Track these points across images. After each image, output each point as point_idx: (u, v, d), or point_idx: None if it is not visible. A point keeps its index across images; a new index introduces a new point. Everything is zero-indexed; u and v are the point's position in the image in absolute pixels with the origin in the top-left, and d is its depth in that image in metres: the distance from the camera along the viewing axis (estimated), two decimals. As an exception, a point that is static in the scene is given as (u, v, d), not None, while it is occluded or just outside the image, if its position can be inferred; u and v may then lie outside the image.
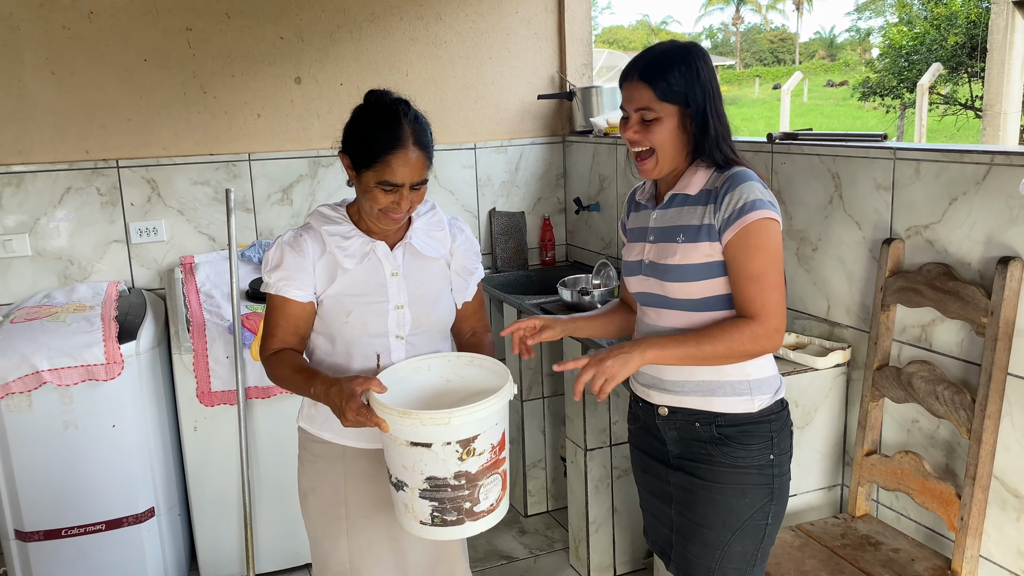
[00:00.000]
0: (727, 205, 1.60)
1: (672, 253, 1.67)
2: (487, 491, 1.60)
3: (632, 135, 1.66)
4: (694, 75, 1.62)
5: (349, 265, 1.74)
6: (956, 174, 1.98)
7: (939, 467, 2.10)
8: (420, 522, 1.59)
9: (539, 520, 3.30)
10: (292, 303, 1.75)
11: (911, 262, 2.12)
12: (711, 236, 1.62)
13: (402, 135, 1.66)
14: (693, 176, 1.67)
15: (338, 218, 1.78)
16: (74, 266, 3.11)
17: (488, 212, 3.69)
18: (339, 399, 1.56)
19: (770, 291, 1.58)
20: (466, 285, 1.89)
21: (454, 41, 3.51)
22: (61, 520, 2.65)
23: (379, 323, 1.76)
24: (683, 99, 1.61)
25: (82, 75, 3.02)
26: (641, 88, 1.63)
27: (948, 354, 2.05)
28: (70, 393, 2.58)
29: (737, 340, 1.58)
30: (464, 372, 1.74)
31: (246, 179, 3.27)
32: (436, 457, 1.53)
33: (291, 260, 1.74)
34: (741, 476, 1.69)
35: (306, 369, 1.70)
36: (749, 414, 1.69)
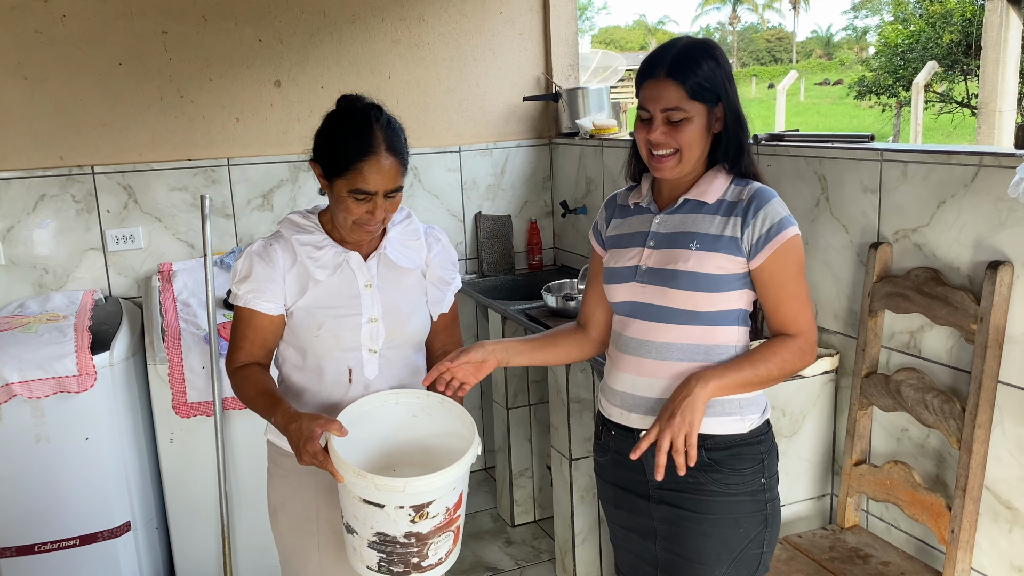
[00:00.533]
0: (759, 223, 1.53)
1: (684, 259, 1.57)
2: (437, 548, 1.54)
3: (658, 137, 1.53)
4: (723, 71, 1.54)
5: (321, 276, 1.68)
6: (944, 176, 1.93)
7: (929, 477, 2.05)
8: (367, 567, 1.54)
9: (526, 530, 3.24)
10: (260, 316, 1.69)
11: (899, 266, 2.07)
12: (731, 249, 1.55)
13: (374, 141, 1.58)
14: (711, 183, 1.59)
15: (310, 226, 1.72)
16: (49, 275, 3.05)
17: (474, 216, 3.63)
18: (297, 438, 1.51)
19: (807, 307, 1.58)
20: (442, 296, 1.81)
21: (437, 43, 3.46)
22: (34, 535, 2.59)
23: (352, 336, 1.70)
24: (715, 97, 1.53)
25: (55, 80, 2.96)
26: (669, 86, 1.51)
27: (937, 361, 1.99)
28: (41, 406, 2.52)
29: (789, 360, 1.56)
30: (433, 412, 1.66)
31: (225, 184, 3.21)
32: (388, 517, 1.47)
33: (260, 271, 1.67)
34: (734, 504, 1.59)
35: (269, 394, 1.64)
36: (740, 435, 1.60)
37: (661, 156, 1.56)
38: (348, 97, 1.68)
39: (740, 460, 1.59)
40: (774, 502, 1.65)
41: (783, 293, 1.56)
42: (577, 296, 2.93)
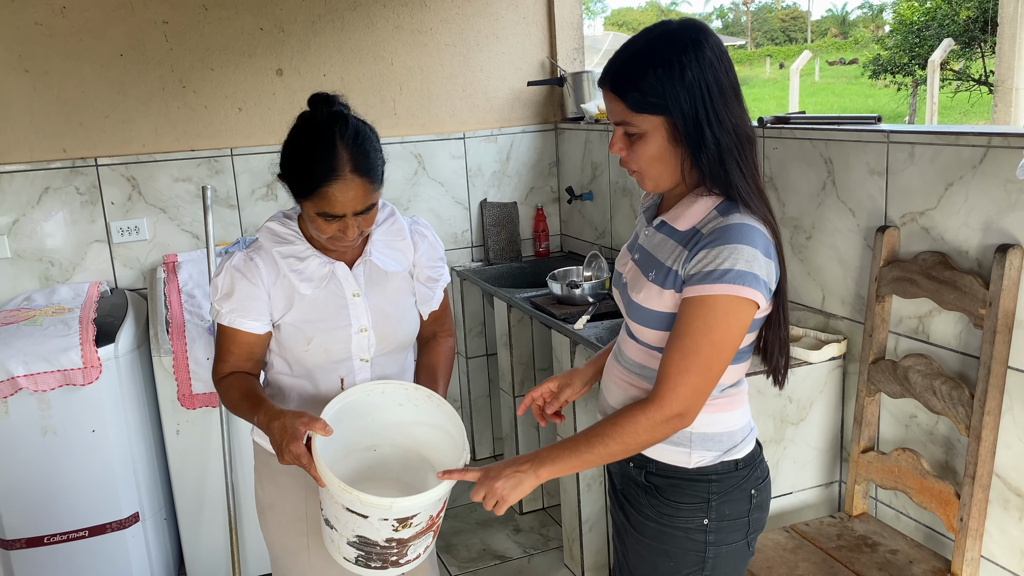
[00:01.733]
0: (699, 262, 1.32)
1: (639, 288, 1.44)
2: (416, 547, 1.53)
3: (615, 151, 1.40)
4: (675, 76, 1.30)
5: (307, 290, 1.62)
6: (952, 157, 1.88)
7: (938, 465, 2.01)
8: (344, 558, 1.52)
9: (534, 518, 3.23)
10: (245, 334, 1.64)
11: (906, 250, 2.03)
12: (676, 286, 1.37)
13: (337, 164, 1.48)
14: (690, 207, 1.39)
15: (290, 235, 1.65)
16: (55, 267, 3.05)
17: (479, 203, 3.60)
18: (280, 436, 1.46)
19: (692, 373, 1.33)
20: (431, 295, 1.77)
21: (440, 28, 3.42)
22: (43, 527, 2.60)
23: (342, 348, 1.66)
24: (665, 108, 1.32)
25: (56, 72, 2.95)
26: (612, 100, 1.36)
27: (946, 346, 1.96)
28: (47, 398, 2.52)
29: (631, 434, 1.35)
30: (420, 404, 1.62)
31: (229, 175, 3.20)
32: (371, 526, 1.45)
33: (243, 288, 1.61)
34: (665, 535, 1.48)
35: (253, 395, 1.60)
36: (683, 468, 1.46)
37: (630, 171, 1.42)
38: (316, 101, 1.58)
39: (679, 493, 1.46)
40: (720, 548, 1.47)
41: (674, 343, 1.34)
42: (583, 283, 2.90)
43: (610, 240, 3.38)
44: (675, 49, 1.31)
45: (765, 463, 1.55)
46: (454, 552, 3.02)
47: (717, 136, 1.33)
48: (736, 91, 1.36)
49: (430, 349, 1.84)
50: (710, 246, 1.32)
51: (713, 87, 1.32)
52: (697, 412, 1.37)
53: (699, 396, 1.36)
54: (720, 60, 1.34)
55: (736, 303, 1.32)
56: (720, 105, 1.33)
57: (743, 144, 1.36)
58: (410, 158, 3.44)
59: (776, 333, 1.48)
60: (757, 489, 1.50)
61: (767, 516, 1.56)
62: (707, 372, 1.34)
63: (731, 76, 1.36)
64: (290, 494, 1.73)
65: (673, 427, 1.37)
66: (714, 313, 1.32)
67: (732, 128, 1.34)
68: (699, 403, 1.37)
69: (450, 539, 3.10)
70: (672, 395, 1.34)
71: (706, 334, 1.32)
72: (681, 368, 1.33)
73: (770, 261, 1.35)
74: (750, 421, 1.53)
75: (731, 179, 1.35)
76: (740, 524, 1.49)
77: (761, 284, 1.33)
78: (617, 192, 3.27)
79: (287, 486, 1.73)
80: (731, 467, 1.47)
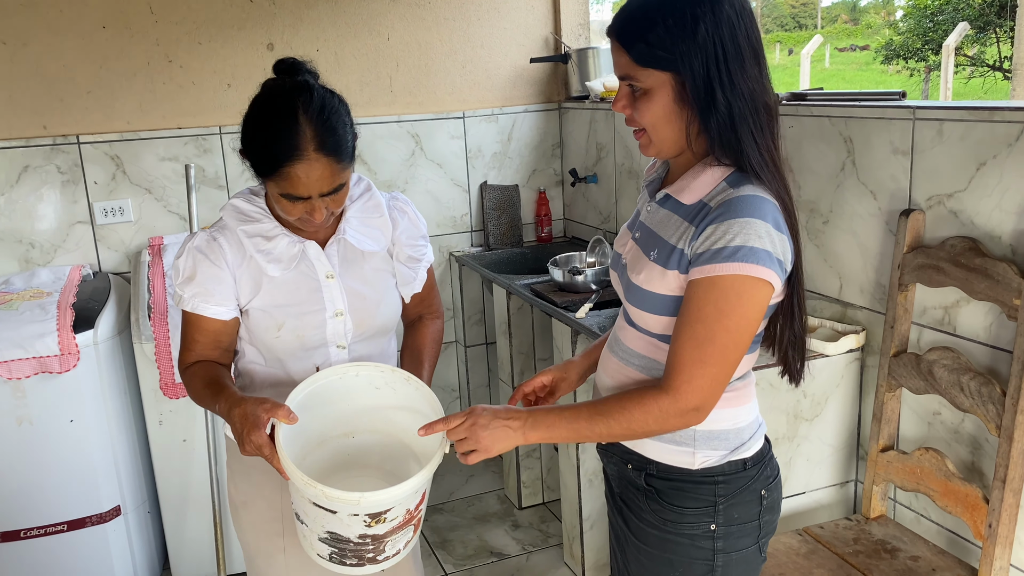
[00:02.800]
0: (707, 238, 1.20)
1: (639, 269, 1.32)
2: (395, 543, 1.40)
3: (619, 108, 1.29)
4: (687, 31, 1.18)
5: (275, 272, 1.49)
6: (984, 135, 1.74)
7: (964, 466, 1.88)
8: (318, 555, 1.40)
9: (533, 513, 3.11)
10: (210, 320, 1.51)
11: (933, 236, 1.88)
12: (681, 266, 1.25)
13: (300, 142, 1.35)
14: (697, 178, 1.27)
15: (257, 212, 1.51)
16: (35, 249, 2.93)
17: (479, 186, 3.46)
18: (241, 424, 1.33)
19: (708, 364, 1.21)
20: (413, 276, 1.64)
21: (439, 1, 3.27)
22: (19, 521, 2.49)
23: (316, 334, 1.53)
24: (673, 64, 1.20)
25: (36, 45, 2.81)
26: (618, 51, 1.25)
27: (974, 339, 1.82)
28: (22, 386, 2.41)
29: (639, 420, 1.25)
30: (398, 387, 1.48)
31: (217, 154, 3.07)
32: (341, 522, 1.32)
33: (205, 271, 1.48)
34: (669, 543, 1.36)
35: (215, 383, 1.47)
36: (686, 470, 1.34)
37: (635, 131, 1.30)
38: (279, 68, 1.45)
39: (682, 497, 1.34)
40: (730, 555, 1.36)
41: (685, 330, 1.22)
42: (585, 270, 2.76)
43: (615, 225, 3.24)
44: (690, 1, 1.19)
45: (775, 461, 1.43)
46: (449, 548, 2.90)
47: (729, 100, 1.20)
48: (757, 53, 1.23)
49: (415, 331, 1.72)
50: (718, 220, 1.20)
51: (728, 46, 1.20)
52: (713, 405, 1.26)
53: (716, 388, 1.24)
54: (740, 18, 1.21)
55: (749, 283, 1.20)
56: (736, 66, 1.20)
57: (759, 112, 1.23)
58: (407, 138, 3.30)
59: (790, 325, 1.34)
60: (767, 489, 1.38)
61: (778, 518, 1.44)
62: (724, 361, 1.23)
63: (752, 37, 1.22)
64: (264, 491, 1.61)
65: (687, 421, 1.26)
66: (726, 296, 1.20)
67: (747, 93, 1.22)
68: (716, 395, 1.25)
69: (446, 535, 2.98)
70: (688, 387, 1.23)
71: (719, 320, 1.20)
72: (695, 358, 1.22)
73: (784, 236, 1.23)
74: (758, 416, 1.41)
75: (743, 147, 1.22)
76: (750, 528, 1.37)
77: (775, 262, 1.21)
78: (623, 174, 3.13)
79: (260, 483, 1.61)
80: (739, 467, 1.35)
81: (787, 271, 1.25)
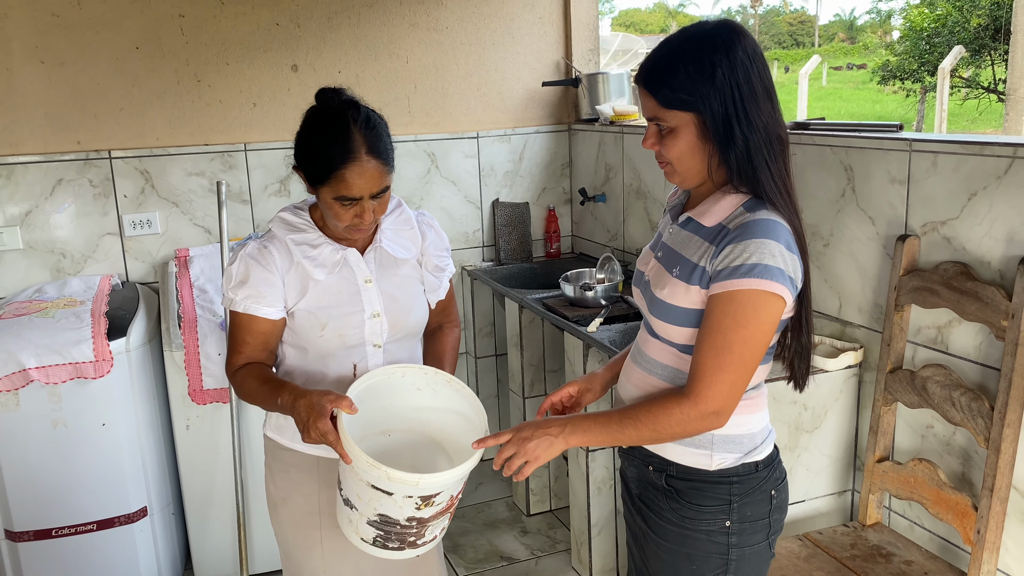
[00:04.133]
0: (725, 257, 1.34)
1: (663, 285, 1.44)
2: (434, 528, 1.54)
3: (648, 146, 1.43)
4: (706, 76, 1.32)
5: (320, 276, 1.64)
6: (976, 167, 1.87)
7: (955, 476, 2.00)
8: (361, 539, 1.54)
9: (541, 519, 3.23)
10: (261, 320, 1.65)
11: (927, 260, 2.01)
12: (702, 282, 1.38)
13: (353, 146, 1.53)
14: (717, 203, 1.40)
15: (303, 224, 1.68)
16: (67, 259, 3.04)
17: (491, 203, 3.59)
18: (307, 414, 1.47)
19: (726, 371, 1.34)
20: (439, 284, 1.80)
21: (456, 26, 3.41)
22: (51, 520, 2.60)
23: (356, 334, 1.67)
24: (694, 105, 1.34)
25: (72, 64, 2.94)
26: (645, 96, 1.40)
27: (965, 358, 1.94)
28: (58, 391, 2.52)
29: (664, 424, 1.37)
30: (440, 389, 1.64)
31: (242, 170, 3.19)
32: (394, 503, 1.46)
33: (258, 275, 1.63)
34: (687, 538, 1.48)
35: (273, 380, 1.61)
36: (704, 471, 1.46)
37: (662, 163, 1.44)
38: (326, 93, 1.62)
39: (700, 496, 1.46)
40: (743, 550, 1.47)
41: (705, 341, 1.35)
42: (595, 286, 2.89)
43: (622, 243, 3.37)
44: (707, 49, 1.34)
45: (782, 465, 1.56)
46: (461, 552, 3.01)
47: (746, 134, 1.34)
48: (769, 92, 1.38)
49: (436, 339, 1.87)
50: (736, 241, 1.34)
51: (743, 87, 1.34)
52: (732, 410, 1.38)
53: (735, 393, 1.37)
54: (753, 61, 1.35)
55: (764, 297, 1.33)
56: (751, 105, 1.34)
57: (773, 144, 1.37)
58: (423, 156, 3.44)
59: (797, 337, 1.48)
60: (777, 490, 1.51)
61: (785, 518, 1.56)
62: (741, 369, 1.35)
63: (764, 78, 1.37)
64: (302, 488, 1.73)
65: (708, 425, 1.38)
66: (743, 309, 1.33)
67: (762, 127, 1.35)
68: (734, 401, 1.38)
69: (457, 539, 3.09)
70: (708, 392, 1.35)
71: (737, 330, 1.33)
72: (714, 366, 1.34)
73: (795, 256, 1.36)
74: (769, 424, 1.54)
75: (759, 176, 1.36)
76: (761, 525, 1.50)
77: (787, 279, 1.34)
78: (631, 194, 3.26)
79: (299, 480, 1.73)
80: (752, 468, 1.48)
81: (798, 288, 1.39)
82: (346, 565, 1.73)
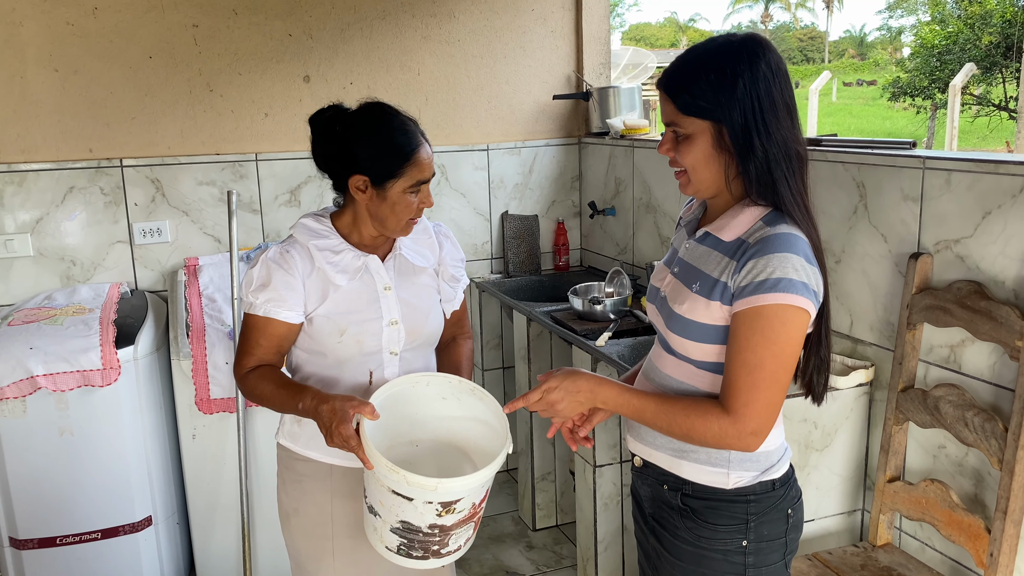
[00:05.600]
0: (748, 272, 1.32)
1: (682, 300, 1.42)
2: (458, 537, 1.54)
3: (663, 151, 1.42)
4: (727, 86, 1.32)
5: (341, 282, 1.65)
6: (991, 186, 1.86)
7: (967, 498, 1.98)
8: (386, 547, 1.54)
9: (547, 535, 3.20)
10: (278, 324, 1.65)
11: (940, 278, 2.00)
12: (723, 298, 1.36)
13: (413, 130, 1.62)
14: (736, 217, 1.39)
15: (324, 231, 1.69)
16: (76, 267, 3.05)
17: (500, 215, 3.59)
18: (330, 418, 1.48)
19: (761, 388, 1.32)
20: (454, 294, 1.82)
21: (468, 39, 3.42)
22: (56, 528, 2.59)
23: (374, 340, 1.67)
24: (713, 114, 1.34)
25: (86, 72, 2.96)
26: (664, 100, 1.39)
27: (979, 378, 1.92)
28: (65, 399, 2.52)
29: (700, 430, 1.35)
30: (463, 398, 1.64)
31: (253, 180, 3.20)
32: (415, 509, 1.46)
33: (280, 279, 1.63)
34: (703, 558, 1.45)
35: (292, 384, 1.62)
36: (720, 489, 1.44)
37: (676, 172, 1.43)
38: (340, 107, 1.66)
39: (716, 515, 1.44)
40: (759, 570, 1.45)
41: (737, 359, 1.33)
42: (604, 300, 2.88)
43: (631, 256, 3.36)
44: (731, 60, 1.34)
45: (798, 484, 1.54)
46: (466, 567, 2.99)
47: (765, 146, 1.34)
48: (790, 109, 1.37)
49: (451, 350, 1.87)
50: (758, 255, 1.32)
51: (764, 100, 1.33)
52: (768, 431, 1.35)
53: (772, 412, 1.35)
54: (776, 76, 1.35)
55: (791, 312, 1.31)
56: (771, 118, 1.34)
57: (792, 159, 1.36)
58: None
59: (816, 352, 1.46)
60: (793, 509, 1.49)
61: (800, 537, 1.54)
62: (776, 386, 1.33)
63: (786, 94, 1.36)
64: (315, 498, 1.73)
65: (744, 445, 1.35)
66: (771, 324, 1.31)
67: (781, 141, 1.35)
68: (772, 420, 1.35)
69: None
70: (747, 411, 1.33)
71: (767, 347, 1.31)
72: (749, 384, 1.32)
73: (815, 269, 1.35)
74: (785, 442, 1.52)
75: (778, 189, 1.36)
76: (778, 544, 1.48)
77: (811, 292, 1.33)
78: (640, 208, 3.25)
79: (311, 490, 1.73)
80: (768, 487, 1.46)
81: (819, 301, 1.37)
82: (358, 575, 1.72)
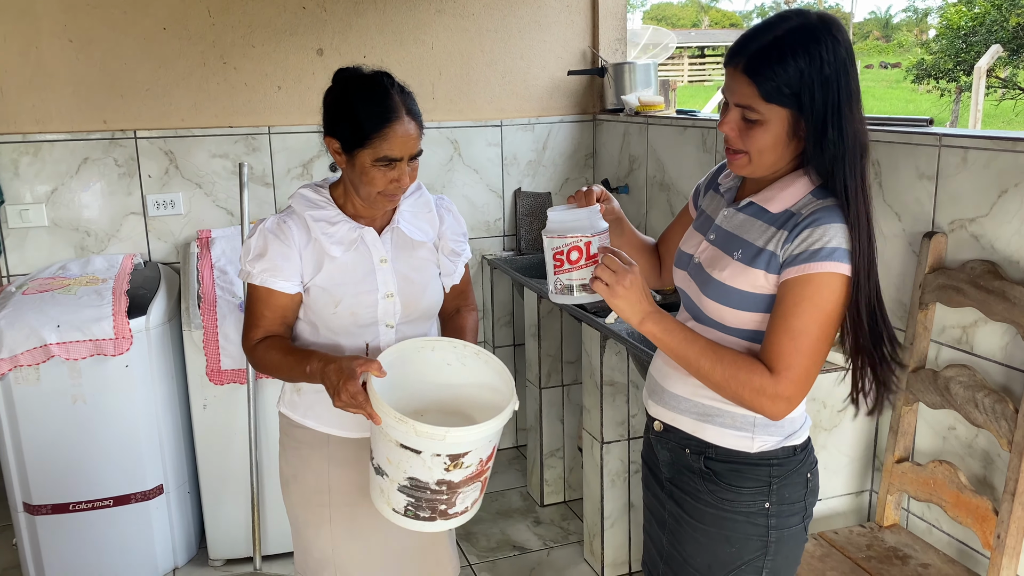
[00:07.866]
0: (802, 241, 1.31)
1: (722, 267, 1.41)
2: (465, 497, 1.54)
3: (726, 131, 1.37)
4: (815, 70, 1.27)
5: (336, 253, 1.65)
6: (1008, 164, 1.82)
7: (975, 479, 1.96)
8: (393, 509, 1.54)
9: (555, 510, 3.22)
10: (278, 294, 1.65)
11: (954, 258, 1.97)
12: (770, 267, 1.36)
13: (394, 105, 1.57)
14: (784, 189, 1.37)
15: (322, 202, 1.68)
16: (91, 237, 3.07)
17: (513, 192, 3.57)
18: (336, 378, 1.49)
19: (804, 354, 1.32)
20: (454, 268, 1.81)
21: (482, 13, 3.39)
22: (69, 494, 2.63)
23: (368, 312, 1.68)
24: (796, 102, 1.29)
25: (100, 43, 2.96)
26: (743, 83, 1.31)
27: (990, 359, 1.90)
28: (78, 367, 2.54)
29: (742, 379, 1.34)
30: (468, 362, 1.65)
31: (265, 152, 3.20)
32: (423, 464, 1.47)
33: (276, 248, 1.64)
34: (727, 521, 1.47)
35: (298, 351, 1.63)
36: (745, 453, 1.45)
37: (732, 152, 1.39)
38: (349, 68, 1.65)
39: (740, 477, 1.46)
40: (782, 531, 1.48)
41: (782, 324, 1.33)
42: (615, 277, 2.86)
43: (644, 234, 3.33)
44: (816, 42, 1.28)
45: (814, 452, 1.56)
46: (473, 541, 3.01)
47: (839, 137, 1.31)
48: (859, 95, 1.34)
49: (455, 320, 1.87)
50: (811, 227, 1.32)
51: (844, 88, 1.30)
52: (800, 400, 1.36)
53: (809, 380, 1.35)
54: (851, 61, 1.31)
55: (836, 280, 1.31)
56: (846, 107, 1.31)
57: (857, 151, 1.33)
58: (446, 143, 3.42)
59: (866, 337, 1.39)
60: (812, 474, 1.52)
61: (816, 502, 1.56)
62: (815, 355, 1.34)
63: (855, 79, 1.33)
64: (312, 464, 1.74)
65: (776, 408, 1.35)
66: (821, 292, 1.31)
67: (852, 134, 1.32)
68: (806, 389, 1.36)
69: (470, 528, 3.09)
70: (787, 374, 1.33)
71: (813, 313, 1.32)
72: (792, 349, 1.32)
73: None
74: (805, 411, 1.54)
75: (845, 180, 1.33)
76: (798, 508, 1.50)
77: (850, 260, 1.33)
78: (654, 186, 3.23)
79: (308, 457, 1.74)
80: (791, 452, 1.48)
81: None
82: (355, 544, 1.73)
